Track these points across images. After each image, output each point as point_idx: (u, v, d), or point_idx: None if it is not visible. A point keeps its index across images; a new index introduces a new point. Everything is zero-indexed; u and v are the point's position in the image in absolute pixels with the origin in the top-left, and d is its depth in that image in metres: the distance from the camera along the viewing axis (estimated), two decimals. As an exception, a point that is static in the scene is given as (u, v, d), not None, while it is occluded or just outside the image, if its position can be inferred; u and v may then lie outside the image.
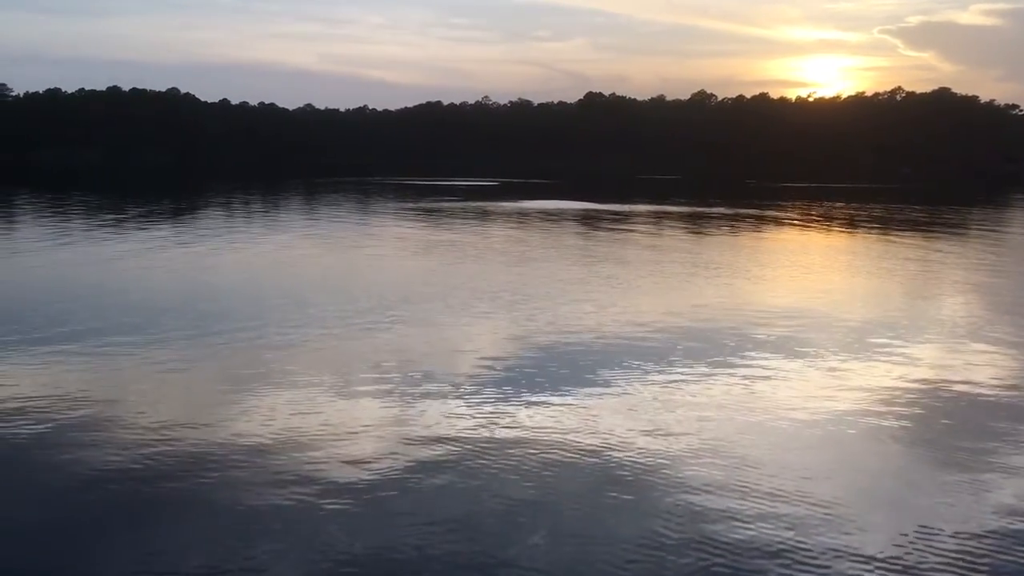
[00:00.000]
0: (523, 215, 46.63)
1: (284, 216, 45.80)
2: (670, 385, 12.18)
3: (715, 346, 14.59)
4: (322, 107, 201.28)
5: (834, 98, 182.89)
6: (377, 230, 37.07)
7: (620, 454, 9.42)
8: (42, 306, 17.49)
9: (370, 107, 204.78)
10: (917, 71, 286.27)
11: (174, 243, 30.76)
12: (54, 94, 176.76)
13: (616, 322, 16.61)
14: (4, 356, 13.23)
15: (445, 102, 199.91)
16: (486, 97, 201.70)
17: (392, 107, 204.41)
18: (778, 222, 44.35)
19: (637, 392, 11.82)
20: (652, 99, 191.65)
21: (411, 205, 54.43)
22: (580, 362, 13.44)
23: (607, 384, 12.19)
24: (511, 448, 9.57)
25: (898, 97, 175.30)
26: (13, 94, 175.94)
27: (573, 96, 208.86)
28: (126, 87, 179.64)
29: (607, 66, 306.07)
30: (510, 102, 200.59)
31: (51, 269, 23.81)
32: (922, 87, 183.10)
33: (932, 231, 39.35)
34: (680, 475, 8.84)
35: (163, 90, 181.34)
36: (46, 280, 21.71)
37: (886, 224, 43.78)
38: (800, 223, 44.45)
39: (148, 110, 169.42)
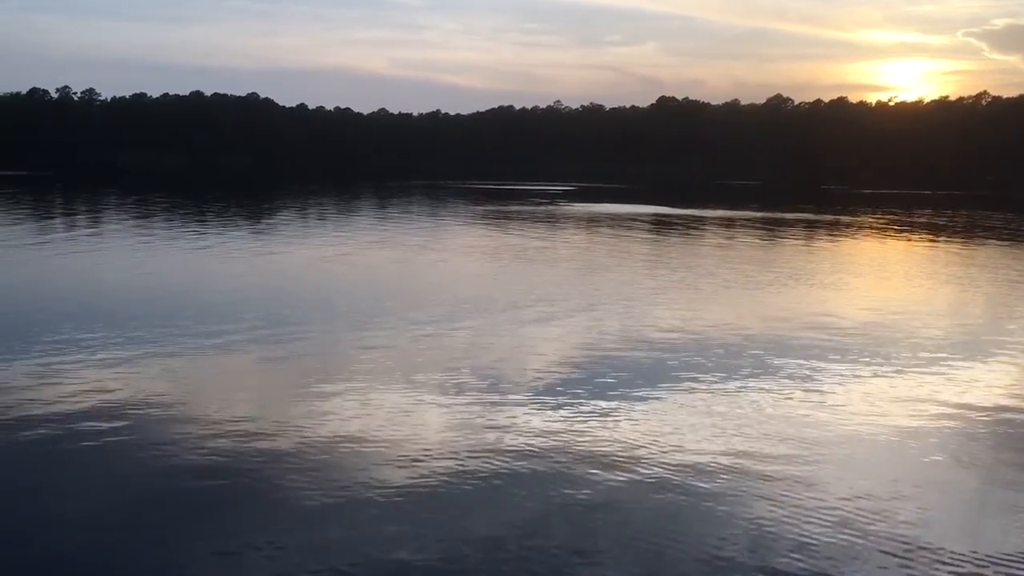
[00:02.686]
0: (598, 219, 46.54)
1: (357, 220, 46.53)
2: (742, 395, 12.04)
3: (793, 356, 14.35)
4: (395, 111, 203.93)
5: (916, 102, 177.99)
6: (449, 234, 37.40)
7: (691, 462, 9.35)
8: (122, 305, 18.09)
9: (443, 111, 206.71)
10: (1003, 75, 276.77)
11: (251, 246, 31.50)
12: (140, 98, 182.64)
13: (691, 329, 16.47)
14: (87, 354, 13.71)
15: (517, 106, 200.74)
16: (558, 102, 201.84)
17: (464, 111, 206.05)
18: (857, 229, 43.39)
19: (709, 402, 11.72)
20: (726, 103, 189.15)
21: (483, 209, 54.77)
22: (654, 370, 13.37)
23: (680, 393, 12.11)
24: (581, 454, 9.58)
25: (983, 102, 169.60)
26: (101, 98, 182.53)
27: (645, 100, 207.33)
28: (208, 92, 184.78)
29: (680, 70, 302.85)
30: (582, 106, 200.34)
31: (130, 268, 24.61)
32: (1009, 91, 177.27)
33: (1018, 241, 38.03)
34: (750, 487, 8.74)
35: (243, 95, 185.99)
36: (126, 279, 22.46)
37: (970, 233, 42.48)
38: (881, 230, 43.40)
39: (229, 114, 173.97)
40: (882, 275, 25.67)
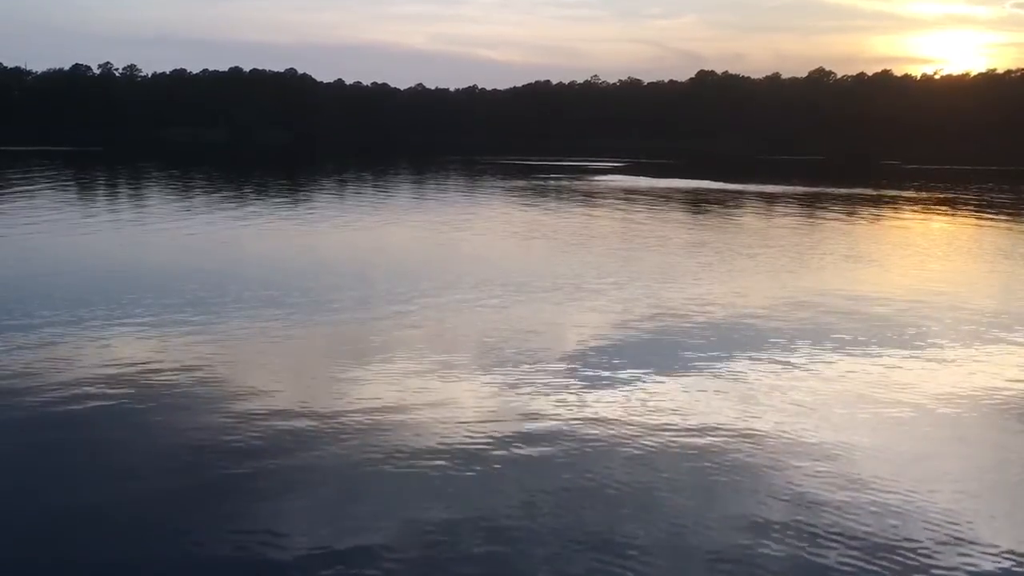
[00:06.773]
0: (647, 194, 46.18)
1: (393, 195, 46.60)
2: (781, 371, 11.88)
3: (832, 333, 14.09)
4: (432, 87, 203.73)
5: (962, 76, 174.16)
6: (485, 210, 37.31)
7: (728, 442, 9.25)
8: (151, 278, 18.24)
9: (479, 87, 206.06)
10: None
11: (285, 221, 31.69)
12: (180, 74, 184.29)
13: (739, 306, 16.27)
14: (115, 326, 13.79)
15: (554, 81, 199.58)
16: (595, 76, 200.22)
17: (501, 87, 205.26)
18: (903, 205, 42.60)
19: (745, 378, 11.57)
20: (767, 77, 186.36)
21: (519, 184, 54.55)
22: (690, 345, 13.22)
23: (717, 368, 11.96)
24: (615, 431, 9.51)
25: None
26: (142, 74, 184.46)
27: (684, 75, 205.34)
28: (247, 68, 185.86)
29: (721, 44, 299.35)
30: (619, 81, 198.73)
31: (168, 242, 24.89)
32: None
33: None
34: (785, 462, 8.64)
35: (281, 70, 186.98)
36: (159, 253, 22.74)
37: (1017, 209, 41.58)
38: (927, 206, 42.57)
39: (267, 90, 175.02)
40: (922, 253, 25.22)
